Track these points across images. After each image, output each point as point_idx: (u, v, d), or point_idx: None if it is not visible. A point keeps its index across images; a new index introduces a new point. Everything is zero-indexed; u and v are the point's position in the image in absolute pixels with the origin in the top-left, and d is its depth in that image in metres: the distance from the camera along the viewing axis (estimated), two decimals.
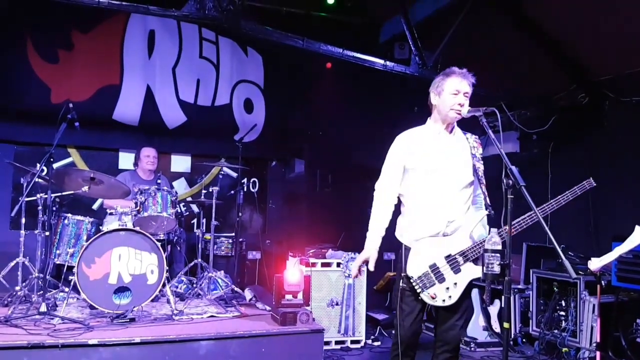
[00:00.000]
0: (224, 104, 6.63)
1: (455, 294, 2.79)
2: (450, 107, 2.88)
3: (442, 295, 2.79)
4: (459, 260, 2.80)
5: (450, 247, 2.83)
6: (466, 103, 2.88)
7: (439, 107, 2.95)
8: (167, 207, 4.93)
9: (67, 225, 4.85)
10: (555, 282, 4.75)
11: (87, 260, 4.31)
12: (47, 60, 5.78)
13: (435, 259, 2.83)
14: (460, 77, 2.91)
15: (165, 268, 4.50)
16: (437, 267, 2.81)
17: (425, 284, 2.80)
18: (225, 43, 6.64)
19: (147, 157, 5.73)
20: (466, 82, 2.91)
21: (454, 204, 2.88)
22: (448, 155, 2.92)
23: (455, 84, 2.90)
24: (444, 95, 2.92)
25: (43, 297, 4.17)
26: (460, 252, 2.80)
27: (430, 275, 2.81)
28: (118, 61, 6.07)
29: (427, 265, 2.82)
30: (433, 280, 2.80)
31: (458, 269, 2.79)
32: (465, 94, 2.89)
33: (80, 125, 4.54)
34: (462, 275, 2.80)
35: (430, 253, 2.84)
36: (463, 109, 2.85)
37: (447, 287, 2.79)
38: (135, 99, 6.13)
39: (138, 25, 6.15)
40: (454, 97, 2.88)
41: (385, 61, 5.46)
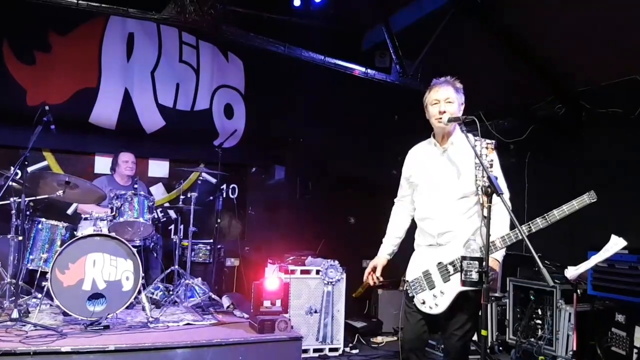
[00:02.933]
0: (203, 108, 6.58)
1: (442, 302, 2.80)
2: (434, 117, 2.94)
3: (429, 302, 2.84)
4: (449, 270, 2.81)
5: (443, 256, 2.86)
6: (450, 108, 2.89)
7: (430, 121, 3.03)
8: (144, 213, 4.86)
9: (40, 230, 4.74)
10: (531, 290, 4.79)
11: (61, 266, 4.23)
12: (24, 62, 5.67)
13: (429, 266, 2.89)
14: (438, 86, 2.96)
15: (141, 275, 4.43)
16: (429, 273, 2.87)
17: (417, 288, 2.89)
18: (205, 47, 6.60)
19: (125, 163, 5.64)
20: (445, 88, 2.94)
21: (446, 216, 2.89)
22: (440, 167, 2.96)
23: (434, 94, 2.95)
24: (428, 108, 3.00)
25: (15, 303, 4.09)
26: (451, 262, 2.81)
27: (422, 280, 2.88)
28: (96, 64, 5.98)
29: (421, 271, 2.90)
30: (424, 286, 2.86)
31: (448, 278, 2.80)
32: (446, 100, 2.90)
33: (56, 128, 4.47)
34: (450, 285, 2.79)
35: (425, 259, 2.93)
36: (444, 115, 2.87)
37: (434, 294, 2.82)
38: (112, 102, 6.04)
39: (117, 28, 6.07)
40: (434, 107, 2.93)
41: (366, 69, 5.49)
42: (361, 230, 6.36)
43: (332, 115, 6.54)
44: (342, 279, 5.17)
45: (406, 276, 2.96)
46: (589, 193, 2.82)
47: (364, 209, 6.38)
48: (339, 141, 6.53)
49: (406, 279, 2.95)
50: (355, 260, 6.10)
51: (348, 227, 6.55)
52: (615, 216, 4.51)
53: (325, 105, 6.52)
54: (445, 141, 2.99)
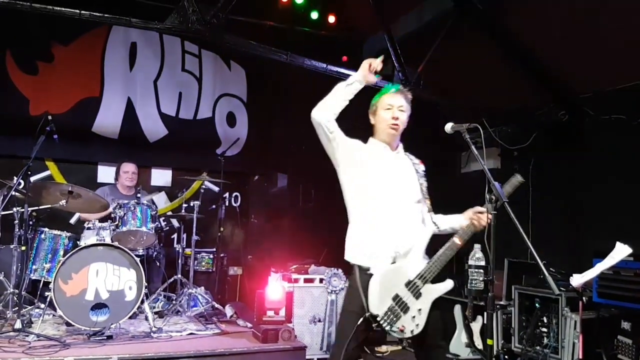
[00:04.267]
0: (206, 117, 6.60)
1: (421, 320, 2.63)
2: (386, 123, 2.82)
3: (410, 326, 2.61)
4: (418, 285, 2.63)
5: (408, 272, 2.65)
6: (402, 117, 2.82)
7: (376, 126, 2.90)
8: (147, 222, 4.86)
9: (43, 239, 4.75)
10: (537, 298, 4.76)
11: (64, 275, 4.23)
12: (26, 72, 5.71)
13: (397, 289, 2.63)
14: (393, 92, 2.86)
15: (144, 284, 4.42)
16: (399, 297, 2.62)
17: (392, 319, 2.59)
18: (208, 56, 6.62)
19: (125, 173, 5.64)
20: (399, 96, 2.85)
21: (405, 222, 2.74)
22: (396, 171, 2.83)
23: (388, 99, 2.84)
24: (378, 112, 2.87)
25: (18, 314, 4.10)
26: (419, 275, 2.64)
27: (396, 308, 2.60)
28: (98, 73, 6.01)
29: (391, 298, 2.61)
30: (399, 313, 2.60)
31: (419, 294, 2.63)
32: (399, 107, 2.82)
33: (58, 138, 4.48)
34: (423, 299, 2.64)
35: (390, 282, 2.63)
36: (399, 122, 2.80)
37: (412, 315, 2.62)
38: (115, 111, 6.07)
39: (119, 38, 6.11)
40: (387, 112, 2.82)
41: None
42: None
43: None
44: (346, 288, 5.14)
45: (371, 310, 2.57)
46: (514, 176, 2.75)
47: None
48: None
49: (374, 314, 2.57)
50: None
51: None
52: (620, 223, 4.48)
53: None
54: (394, 148, 2.90)
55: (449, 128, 2.85)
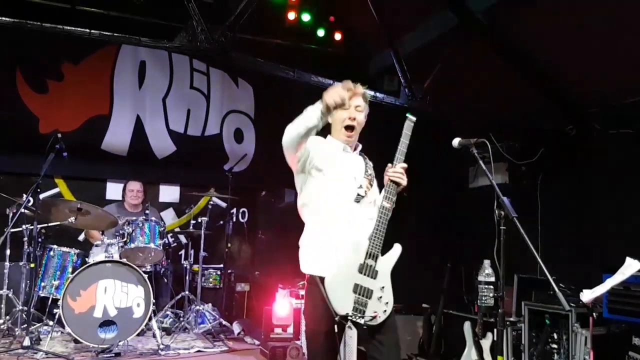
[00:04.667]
0: (214, 133, 6.64)
1: (388, 296, 2.53)
2: (342, 124, 2.71)
3: (380, 307, 2.50)
4: (371, 264, 2.48)
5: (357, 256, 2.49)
6: (359, 117, 2.73)
7: (333, 126, 2.79)
8: (155, 238, 4.88)
9: (52, 256, 4.77)
10: (547, 314, 4.71)
11: (73, 292, 4.24)
12: (36, 91, 5.77)
13: (354, 279, 2.46)
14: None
15: (152, 301, 4.43)
16: (359, 286, 2.46)
17: (361, 310, 2.45)
18: (216, 74, 6.68)
19: (131, 192, 5.68)
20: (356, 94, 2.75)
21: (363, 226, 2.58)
22: (355, 170, 2.72)
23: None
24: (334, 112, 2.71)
25: (27, 331, 4.12)
26: (367, 255, 2.48)
27: (360, 298, 2.45)
28: (108, 92, 6.08)
29: (351, 292, 2.45)
30: (365, 301, 2.46)
31: (375, 272, 2.49)
32: (357, 107, 2.73)
33: (68, 156, 4.51)
34: (381, 275, 2.51)
35: (345, 277, 2.47)
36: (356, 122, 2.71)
37: (378, 296, 2.49)
38: (124, 129, 6.12)
39: (129, 56, 6.18)
40: (344, 111, 2.70)
41: (375, 93, 5.51)
42: None
43: None
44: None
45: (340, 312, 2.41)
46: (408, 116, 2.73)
47: None
48: None
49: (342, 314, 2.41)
50: None
51: None
52: (630, 238, 4.45)
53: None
54: (352, 147, 2.80)
55: (456, 143, 2.85)
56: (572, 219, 5.22)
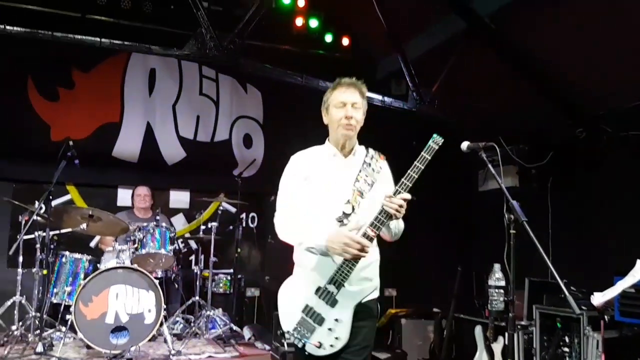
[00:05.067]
0: (223, 139, 6.68)
1: (342, 332, 2.26)
2: (338, 123, 2.47)
3: (328, 340, 2.26)
4: (331, 291, 2.28)
5: (318, 279, 2.31)
6: (357, 115, 2.49)
7: (330, 126, 2.57)
8: (166, 244, 4.91)
9: (64, 263, 4.81)
10: (558, 317, 4.68)
11: (85, 299, 4.28)
12: (48, 99, 5.84)
13: (306, 300, 2.31)
14: (345, 87, 2.52)
15: (163, 306, 4.45)
16: (310, 308, 2.29)
17: (303, 333, 2.28)
18: (225, 80, 6.72)
19: (138, 196, 5.74)
20: (352, 90, 2.50)
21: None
22: (335, 180, 2.47)
23: (340, 95, 2.50)
24: (330, 110, 2.52)
25: (40, 337, 4.15)
26: (330, 280, 2.28)
27: (307, 321, 2.29)
28: (118, 99, 6.14)
29: (300, 311, 2.30)
30: (312, 326, 2.28)
31: (334, 301, 2.27)
32: (354, 104, 2.48)
33: (79, 163, 4.56)
34: (341, 306, 2.28)
35: (299, 293, 2.35)
36: (353, 121, 2.47)
37: (329, 327, 2.27)
38: (135, 136, 6.18)
39: (139, 64, 6.24)
40: (340, 110, 2.48)
41: (383, 97, 5.52)
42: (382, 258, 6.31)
43: None
44: None
45: (282, 326, 2.33)
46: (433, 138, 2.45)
47: None
48: None
49: (285, 330, 2.31)
50: None
51: None
52: None
53: None
54: (348, 151, 2.56)
55: (465, 147, 2.84)
56: (583, 222, 5.19)
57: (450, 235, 6.42)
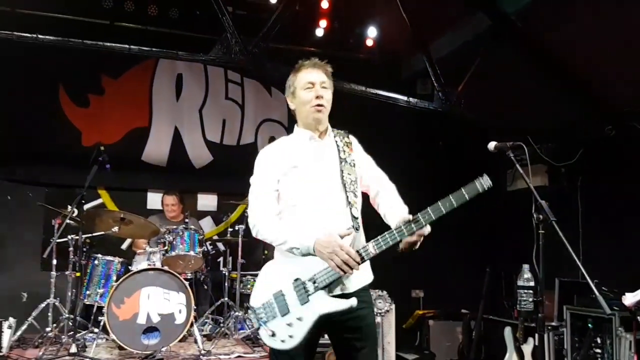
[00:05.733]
0: (249, 142, 6.74)
1: (298, 333, 2.14)
2: (309, 105, 2.38)
3: (281, 334, 2.17)
4: (308, 288, 2.17)
5: (302, 270, 2.21)
6: (327, 95, 2.41)
7: (298, 110, 2.47)
8: (195, 246, 4.97)
9: (97, 265, 4.91)
10: (589, 318, 4.60)
11: (117, 300, 4.36)
12: (79, 105, 5.99)
13: (282, 285, 2.22)
14: (310, 67, 2.44)
15: (193, 307, 4.51)
16: (282, 294, 2.21)
17: (263, 317, 2.21)
18: (250, 84, 6.79)
19: (166, 206, 5.85)
20: (318, 70, 2.43)
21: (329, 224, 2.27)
22: (321, 164, 2.40)
23: (306, 75, 2.42)
24: (297, 93, 2.43)
25: (73, 338, 4.24)
26: (311, 277, 2.17)
27: (273, 305, 2.20)
28: (147, 104, 6.26)
29: (272, 293, 2.22)
30: (275, 312, 2.19)
31: (306, 299, 2.16)
32: (322, 84, 2.40)
33: (110, 167, 4.66)
34: (309, 307, 2.15)
35: (278, 276, 2.26)
36: (324, 101, 2.39)
37: (288, 322, 2.17)
38: (163, 140, 6.29)
39: (166, 69, 6.35)
40: (309, 91, 2.39)
41: (408, 98, 5.50)
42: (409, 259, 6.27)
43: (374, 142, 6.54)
44: (392, 310, 5.10)
45: (250, 302, 2.28)
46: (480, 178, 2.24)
47: None
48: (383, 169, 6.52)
49: (251, 305, 2.26)
50: (404, 291, 6.02)
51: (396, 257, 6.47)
52: None
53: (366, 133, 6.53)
54: (323, 132, 2.48)
55: (492, 147, 2.81)
56: (614, 221, 5.09)
57: (478, 235, 6.36)
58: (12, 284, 5.50)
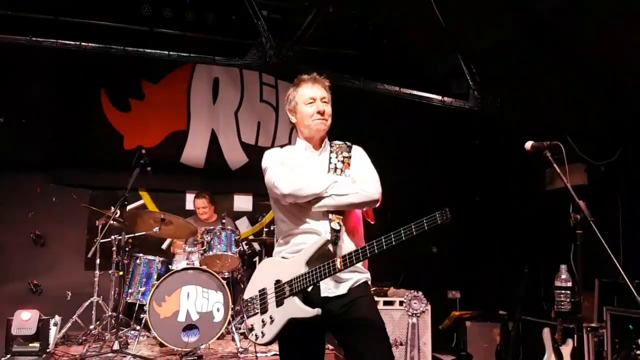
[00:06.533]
0: (283, 144, 6.81)
1: (269, 332, 2.27)
2: (311, 119, 2.47)
3: (257, 329, 2.32)
4: (284, 291, 2.27)
5: (283, 273, 2.31)
6: (328, 109, 2.50)
7: (299, 124, 2.55)
8: (232, 246, 5.07)
9: (138, 264, 5.05)
10: (630, 319, 4.50)
11: (158, 298, 4.48)
12: (120, 109, 6.18)
13: (267, 283, 2.35)
14: (311, 83, 2.51)
15: (230, 306, 4.60)
16: (265, 293, 2.34)
17: (249, 310, 2.38)
18: (284, 86, 6.85)
19: (197, 209, 5.95)
20: (319, 85, 2.51)
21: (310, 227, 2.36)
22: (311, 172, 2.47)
23: (307, 91, 2.50)
24: (299, 108, 2.51)
25: (116, 335, 4.36)
26: (289, 281, 2.27)
27: (255, 302, 2.37)
28: (185, 108, 6.42)
29: (258, 290, 2.38)
30: (256, 308, 2.35)
31: (281, 302, 2.27)
32: (322, 99, 2.49)
33: (151, 170, 4.79)
34: (282, 310, 2.26)
35: (266, 275, 2.39)
36: (326, 115, 2.49)
37: (263, 320, 2.31)
38: (201, 143, 6.44)
39: (203, 74, 6.51)
40: (310, 106, 2.48)
41: (442, 97, 5.48)
42: (444, 259, 6.25)
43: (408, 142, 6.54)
44: (427, 311, 5.09)
45: (244, 294, 2.44)
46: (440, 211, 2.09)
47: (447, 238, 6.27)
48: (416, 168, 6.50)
49: (243, 297, 2.43)
50: (440, 291, 5.99)
51: (431, 257, 6.44)
52: None
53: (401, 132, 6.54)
54: (319, 146, 2.57)
55: (529, 146, 2.78)
56: None
57: (516, 236, 6.27)
58: (58, 283, 5.72)
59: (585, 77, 5.01)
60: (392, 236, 2.15)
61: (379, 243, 2.16)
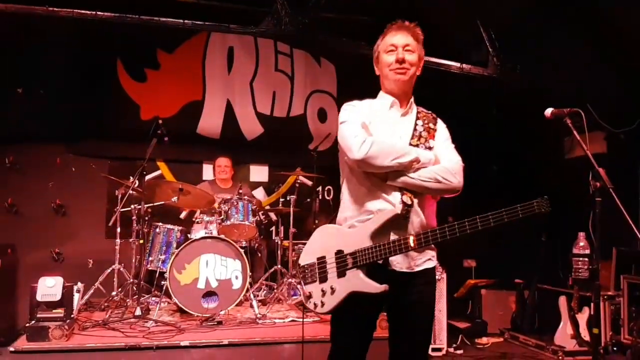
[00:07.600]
0: (298, 114, 6.80)
1: (329, 302, 2.21)
2: (389, 68, 2.30)
3: (316, 298, 2.25)
4: (347, 262, 2.19)
5: (347, 243, 2.22)
6: (410, 58, 2.29)
7: (381, 75, 2.40)
8: (249, 216, 5.12)
9: (158, 233, 5.13)
10: None
11: (178, 266, 4.57)
12: (136, 80, 6.17)
13: (327, 252, 2.26)
14: (395, 30, 2.33)
15: (248, 274, 4.68)
16: (324, 261, 2.26)
17: (306, 277, 2.30)
18: (299, 55, 6.81)
19: (219, 167, 6.00)
20: (404, 32, 2.31)
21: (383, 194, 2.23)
22: (392, 133, 2.32)
23: (390, 38, 2.32)
24: (381, 58, 2.35)
25: (137, 302, 4.47)
26: (352, 252, 2.19)
27: (315, 269, 2.28)
28: (200, 78, 6.39)
29: (316, 257, 2.29)
30: (315, 276, 2.27)
31: (343, 273, 2.20)
32: (405, 47, 2.28)
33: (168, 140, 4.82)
34: (344, 282, 2.19)
35: (326, 243, 2.29)
36: (406, 65, 2.28)
37: (322, 289, 2.23)
38: (216, 113, 6.43)
39: (218, 43, 6.45)
40: (390, 54, 2.29)
41: (461, 64, 5.40)
42: None
43: None
44: (443, 279, 5.11)
45: (300, 259, 2.36)
46: (539, 200, 2.09)
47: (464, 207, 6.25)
48: None
49: (299, 262, 2.35)
50: (456, 260, 6.01)
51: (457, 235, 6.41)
52: None
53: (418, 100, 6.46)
54: (405, 103, 2.38)
55: (549, 113, 2.74)
56: None
57: None
58: (79, 251, 5.84)
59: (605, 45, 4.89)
60: (479, 221, 2.06)
61: (461, 226, 2.06)
